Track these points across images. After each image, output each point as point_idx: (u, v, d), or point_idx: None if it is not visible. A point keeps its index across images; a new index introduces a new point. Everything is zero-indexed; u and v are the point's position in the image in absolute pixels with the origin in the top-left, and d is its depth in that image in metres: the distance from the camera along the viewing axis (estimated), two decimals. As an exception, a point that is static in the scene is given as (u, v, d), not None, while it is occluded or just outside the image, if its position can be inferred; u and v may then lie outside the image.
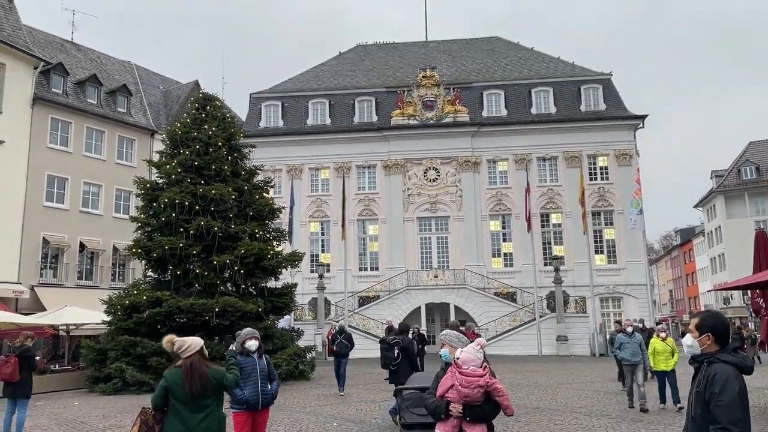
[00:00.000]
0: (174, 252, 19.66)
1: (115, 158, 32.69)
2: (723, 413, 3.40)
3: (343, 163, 40.69)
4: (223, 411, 5.49)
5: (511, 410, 4.71)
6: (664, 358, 12.27)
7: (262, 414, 6.97)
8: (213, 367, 5.44)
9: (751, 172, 60.67)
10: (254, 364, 6.86)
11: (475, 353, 4.69)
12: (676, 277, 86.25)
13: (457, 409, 4.52)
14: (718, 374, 3.48)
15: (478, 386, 4.51)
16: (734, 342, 3.71)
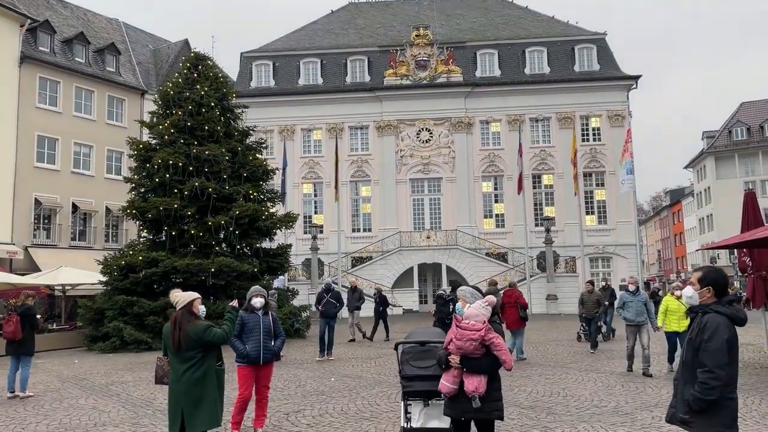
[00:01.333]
0: (168, 213, 19.72)
1: (106, 118, 32.37)
2: (710, 358, 3.63)
3: (335, 124, 40.47)
4: (216, 364, 5.66)
5: (510, 365, 4.88)
6: (677, 318, 11.42)
7: (265, 369, 7.22)
8: (196, 322, 5.65)
9: (742, 133, 60.91)
10: (258, 321, 7.12)
11: (480, 309, 4.87)
12: (665, 238, 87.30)
13: (455, 360, 4.75)
14: (710, 323, 3.71)
15: (470, 339, 4.71)
16: (731, 296, 3.92)
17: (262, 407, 7.23)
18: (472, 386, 4.70)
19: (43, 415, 8.77)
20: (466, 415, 4.79)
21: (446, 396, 4.81)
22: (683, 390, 3.81)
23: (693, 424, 3.72)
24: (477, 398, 4.68)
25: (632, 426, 7.25)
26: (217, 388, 5.63)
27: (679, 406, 3.83)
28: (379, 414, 8.29)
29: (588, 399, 8.99)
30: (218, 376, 5.69)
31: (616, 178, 38.10)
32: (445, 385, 4.79)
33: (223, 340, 5.63)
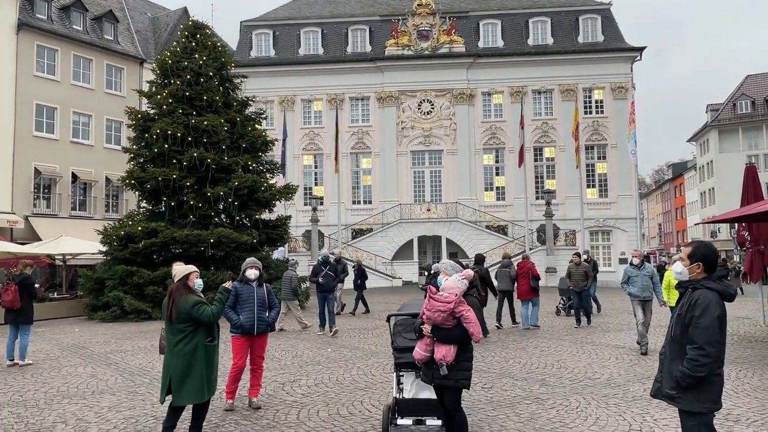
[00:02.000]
0: (167, 183, 19.69)
1: (104, 87, 32.11)
2: (700, 334, 3.61)
3: (336, 94, 40.14)
4: (206, 340, 5.67)
5: (477, 337, 5.00)
6: None
7: (260, 339, 7.28)
8: (188, 297, 5.68)
9: (746, 106, 60.34)
10: (252, 292, 7.18)
11: (456, 282, 5.04)
12: (666, 211, 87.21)
13: (426, 329, 4.98)
14: (701, 299, 3.69)
15: (438, 311, 4.90)
16: (720, 271, 3.89)
17: (256, 377, 7.28)
18: (440, 354, 4.91)
19: (41, 383, 8.86)
20: (435, 381, 5.00)
21: (420, 362, 5.04)
22: (670, 365, 3.81)
23: (680, 399, 3.73)
24: (444, 366, 4.88)
25: (624, 398, 7.31)
26: (205, 363, 5.64)
27: (665, 381, 3.83)
28: (374, 384, 8.36)
29: (581, 371, 9.06)
30: (208, 352, 5.68)
31: (617, 150, 37.93)
32: (418, 352, 5.03)
33: (208, 319, 5.62)
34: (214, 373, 5.78)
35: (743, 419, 6.29)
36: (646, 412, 6.57)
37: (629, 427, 6.06)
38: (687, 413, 3.73)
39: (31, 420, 6.75)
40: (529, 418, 6.46)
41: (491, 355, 10.61)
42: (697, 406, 3.68)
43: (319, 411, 6.92)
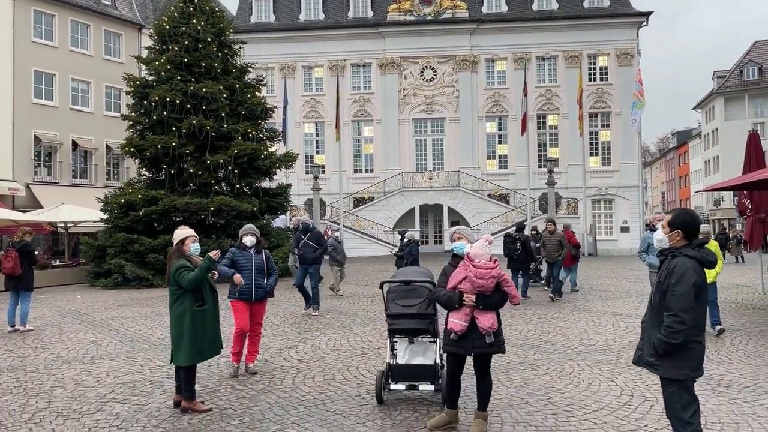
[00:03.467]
0: (167, 151, 19.63)
1: (103, 54, 31.81)
2: (676, 302, 3.61)
3: (337, 61, 39.69)
4: (195, 305, 5.69)
5: (518, 299, 5.03)
6: None
7: (258, 306, 7.31)
8: (177, 261, 5.75)
9: (753, 73, 59.45)
10: (249, 259, 7.19)
11: (484, 248, 4.96)
12: (670, 180, 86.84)
13: (471, 298, 4.81)
14: (678, 267, 3.67)
15: (491, 277, 4.81)
16: (701, 239, 3.87)
17: (254, 343, 7.31)
18: (488, 323, 4.80)
19: (42, 348, 8.96)
20: (477, 350, 4.85)
21: (457, 334, 4.83)
22: (650, 333, 3.82)
23: (659, 366, 3.75)
24: (492, 334, 4.81)
25: (617, 364, 7.36)
26: (192, 327, 5.67)
27: (646, 348, 3.85)
28: (370, 350, 8.44)
29: (577, 338, 9.12)
30: (195, 317, 5.70)
31: (622, 118, 37.59)
32: (458, 323, 4.84)
33: (188, 284, 5.62)
34: (207, 338, 5.79)
35: (735, 385, 6.33)
36: (638, 378, 6.62)
37: (621, 392, 6.11)
38: (667, 380, 3.75)
39: (30, 384, 6.84)
40: (522, 384, 6.52)
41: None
42: (676, 372, 3.70)
43: (314, 376, 6.99)
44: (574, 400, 5.87)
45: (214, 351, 5.98)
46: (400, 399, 5.98)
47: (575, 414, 5.45)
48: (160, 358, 8.12)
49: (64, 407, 5.93)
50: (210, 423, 5.37)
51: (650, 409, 5.54)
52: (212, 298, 5.94)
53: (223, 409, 5.79)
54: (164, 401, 6.07)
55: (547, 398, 5.96)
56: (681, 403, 3.70)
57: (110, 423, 5.42)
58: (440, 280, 5.15)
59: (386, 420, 5.37)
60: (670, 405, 3.76)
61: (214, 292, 5.99)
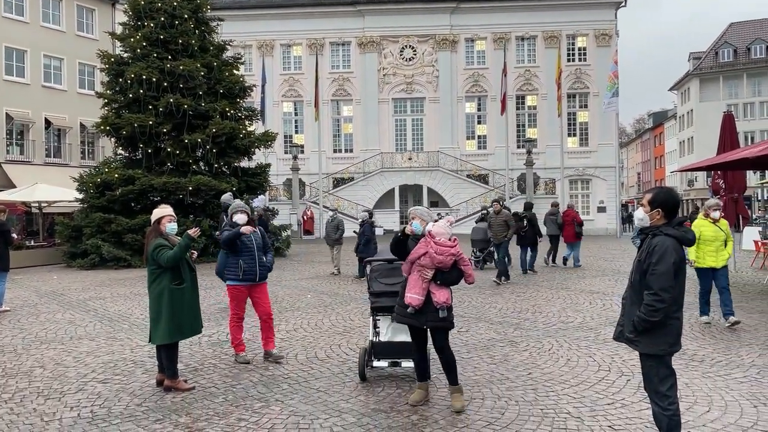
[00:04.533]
0: (144, 130, 19.34)
1: (75, 29, 31.01)
2: (656, 280, 3.69)
3: (316, 39, 39.25)
4: (173, 283, 5.66)
5: (472, 278, 5.20)
6: (713, 249, 8.29)
7: (261, 286, 6.78)
8: (154, 240, 5.72)
9: (728, 55, 60.18)
10: (250, 237, 6.69)
11: (445, 228, 5.14)
12: (645, 160, 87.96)
13: (428, 274, 5.00)
14: (658, 246, 3.74)
15: (450, 254, 4.99)
16: (680, 217, 3.94)
17: (269, 327, 6.81)
18: (443, 298, 5.00)
19: (19, 329, 8.86)
20: (430, 323, 5.04)
21: (414, 308, 4.99)
22: (630, 310, 3.89)
23: (638, 343, 3.83)
24: (444, 309, 5.00)
25: (595, 340, 7.51)
26: (171, 306, 5.65)
27: (626, 325, 3.92)
28: (352, 329, 8.49)
29: (555, 315, 9.27)
30: (174, 295, 5.67)
31: (599, 99, 37.82)
32: (416, 298, 4.99)
33: (166, 262, 5.59)
34: (186, 316, 5.76)
35: (708, 360, 6.51)
36: (615, 353, 6.77)
37: (598, 368, 6.24)
38: (645, 355, 3.84)
39: (9, 365, 6.77)
40: (503, 360, 6.62)
41: (468, 300, 10.79)
42: (655, 348, 3.79)
43: (297, 355, 7.02)
44: (554, 376, 5.99)
45: (194, 330, 5.95)
46: (383, 376, 6.05)
47: (555, 389, 5.57)
48: (141, 337, 8.08)
49: (44, 387, 5.89)
50: (193, 401, 5.38)
51: (627, 383, 5.68)
52: (190, 277, 5.89)
53: (206, 387, 5.80)
54: (146, 380, 6.06)
55: (527, 374, 6.07)
56: (659, 376, 3.80)
57: (92, 402, 5.40)
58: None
59: (369, 396, 5.43)
60: (649, 379, 3.85)
61: (192, 270, 5.95)
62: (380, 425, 4.71)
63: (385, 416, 4.91)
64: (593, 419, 4.78)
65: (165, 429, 4.72)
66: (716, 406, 5.05)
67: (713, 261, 8.29)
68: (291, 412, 5.06)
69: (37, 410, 5.22)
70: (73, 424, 4.86)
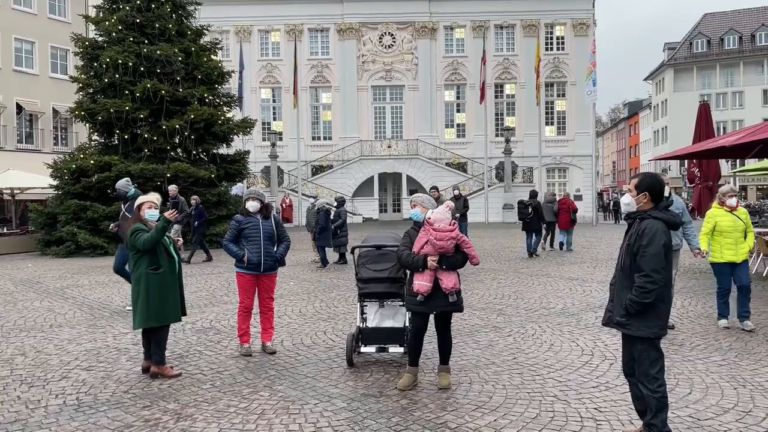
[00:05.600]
0: (120, 115, 19.02)
1: (48, 12, 30.24)
2: (647, 263, 3.76)
3: (294, 25, 38.87)
4: (149, 269, 5.61)
5: (477, 259, 5.28)
6: (732, 242, 7.28)
7: (267, 277, 6.55)
8: (134, 225, 5.72)
9: (702, 45, 60.99)
10: (257, 226, 6.39)
11: (444, 213, 5.17)
12: (620, 149, 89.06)
13: (434, 260, 5.03)
14: (648, 229, 3.81)
15: (450, 238, 5.06)
16: (666, 201, 4.01)
17: (268, 319, 6.64)
18: (451, 283, 5.06)
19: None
20: (440, 309, 5.14)
21: (423, 295, 5.03)
22: (621, 294, 3.94)
23: (629, 326, 3.89)
24: (454, 293, 5.07)
25: (577, 325, 7.62)
26: (147, 290, 5.60)
27: (616, 309, 3.98)
28: (336, 315, 8.50)
29: (537, 301, 9.39)
30: (151, 280, 5.62)
31: (577, 88, 38.16)
32: (425, 285, 5.03)
33: (143, 245, 5.54)
34: (164, 302, 5.68)
35: (687, 344, 6.65)
36: (597, 338, 6.89)
37: (582, 352, 6.35)
38: (637, 338, 3.90)
39: (-11, 353, 6.65)
40: (488, 345, 6.70)
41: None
42: (646, 331, 3.85)
43: (282, 341, 7.01)
44: (538, 360, 6.07)
45: (174, 316, 5.82)
46: (370, 361, 6.08)
47: (540, 373, 5.65)
48: (123, 325, 8.00)
49: (27, 375, 5.80)
50: (181, 388, 5.35)
51: (610, 367, 5.78)
52: (170, 263, 5.79)
53: (192, 374, 5.77)
54: (131, 367, 6.01)
55: (512, 358, 6.15)
56: (650, 359, 3.88)
57: (77, 389, 5.34)
58: (404, 241, 5.35)
59: (358, 382, 5.46)
60: (640, 362, 3.92)
61: (172, 257, 5.82)
62: (370, 409, 4.74)
63: (375, 401, 4.94)
64: (579, 402, 4.87)
65: (153, 416, 4.69)
66: (697, 388, 5.18)
67: (732, 255, 7.28)
68: (280, 397, 5.07)
69: (21, 398, 5.15)
70: (59, 411, 4.81)
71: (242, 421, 4.55)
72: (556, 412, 4.66)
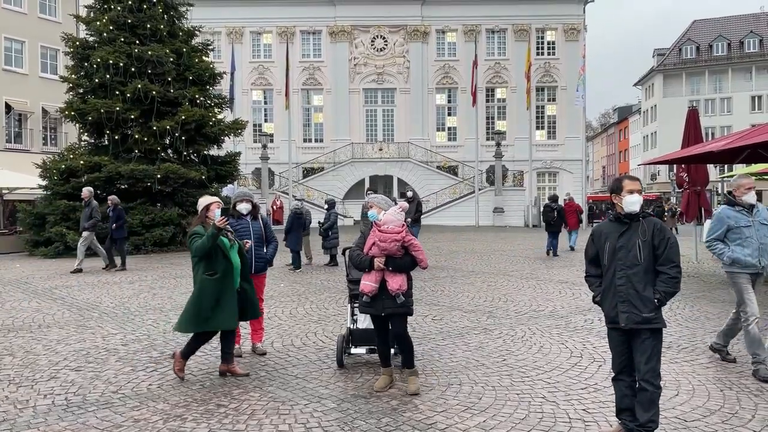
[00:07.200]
0: (110, 116, 18.94)
1: (38, 12, 30.09)
2: (676, 253, 3.97)
3: (286, 27, 38.87)
4: (206, 273, 5.46)
5: (425, 264, 5.27)
6: None
7: (258, 279, 6.53)
8: (194, 228, 5.57)
9: (691, 52, 61.52)
10: (247, 228, 6.44)
11: (396, 215, 5.18)
12: (610, 154, 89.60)
13: (380, 261, 5.07)
14: (661, 224, 4.05)
15: (393, 241, 5.06)
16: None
17: (258, 320, 6.54)
18: (396, 284, 5.06)
19: (-16, 318, 8.63)
20: (387, 310, 5.12)
21: (368, 296, 5.08)
22: (643, 292, 3.92)
23: (657, 320, 3.96)
24: (401, 295, 5.07)
25: (566, 328, 7.67)
26: (198, 296, 5.49)
27: (641, 307, 3.92)
28: (327, 317, 8.50)
29: (527, 304, 9.43)
30: (204, 285, 5.47)
31: (567, 93, 38.41)
32: (369, 285, 5.08)
33: (194, 252, 5.43)
34: (217, 308, 5.48)
35: (674, 346, 6.71)
36: (586, 341, 6.94)
37: (570, 354, 6.39)
38: (653, 333, 3.96)
39: (-24, 353, 6.60)
40: (477, 347, 6.73)
41: (441, 290, 10.90)
42: (664, 322, 4.04)
43: (273, 342, 7.01)
44: (528, 362, 6.11)
45: (227, 323, 5.59)
46: (360, 362, 6.09)
47: (529, 374, 5.68)
48: (112, 326, 7.96)
49: (15, 375, 5.77)
50: (170, 388, 5.34)
51: (598, 369, 5.83)
52: (227, 267, 5.55)
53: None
54: (120, 368, 5.98)
55: (502, 360, 6.18)
56: (659, 353, 3.99)
57: (66, 390, 5.31)
58: (358, 241, 5.38)
59: (348, 383, 5.47)
60: (651, 357, 3.94)
61: (230, 262, 5.59)
62: (360, 410, 4.75)
63: (365, 401, 4.95)
64: (568, 403, 4.90)
65: (143, 416, 4.68)
66: (684, 390, 5.23)
67: None
68: (270, 398, 5.07)
69: (9, 398, 5.11)
70: (48, 411, 4.78)
71: (232, 421, 4.55)
72: (545, 413, 4.69)
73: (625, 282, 4.00)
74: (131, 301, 9.79)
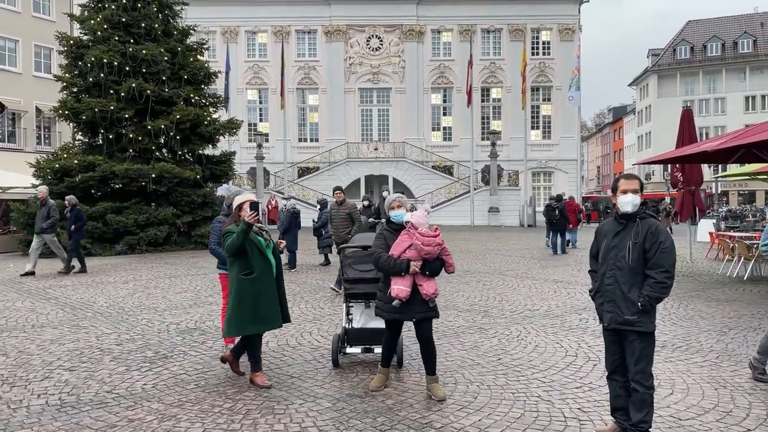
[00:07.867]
0: (105, 115, 18.87)
1: (32, 10, 29.96)
2: (667, 258, 3.85)
3: (281, 26, 38.81)
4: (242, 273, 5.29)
5: (453, 268, 5.19)
6: None
7: None
8: (228, 227, 5.36)
9: (686, 52, 61.73)
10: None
11: (425, 217, 5.06)
12: (605, 154, 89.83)
13: (417, 265, 4.93)
14: (658, 227, 3.93)
15: (437, 244, 4.95)
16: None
17: None
18: (432, 289, 4.99)
19: (-22, 318, 8.59)
20: (418, 315, 5.01)
21: (401, 300, 4.90)
22: (629, 293, 3.91)
23: (641, 323, 3.90)
24: (434, 299, 5.00)
25: (561, 327, 7.68)
26: (237, 298, 5.31)
27: (624, 309, 3.93)
28: (322, 316, 8.49)
29: (522, 303, 9.44)
30: (239, 285, 5.30)
31: (562, 93, 38.49)
32: (404, 290, 4.90)
33: (226, 250, 5.28)
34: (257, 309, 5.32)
35: (669, 345, 6.74)
36: (581, 340, 6.95)
37: (566, 353, 6.40)
38: (641, 335, 3.92)
39: (-31, 353, 6.57)
40: (473, 346, 6.73)
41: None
42: (651, 326, 3.94)
43: (268, 342, 6.99)
44: (523, 361, 6.11)
45: (272, 323, 5.47)
46: (356, 362, 6.08)
47: (524, 374, 5.69)
48: (106, 325, 7.93)
49: (8, 375, 5.74)
50: (165, 388, 5.32)
51: (593, 368, 5.84)
52: (264, 266, 5.39)
53: (177, 374, 5.74)
54: (115, 367, 5.96)
55: (497, 359, 6.19)
56: (650, 355, 3.93)
57: (60, 390, 5.29)
58: (378, 243, 5.13)
59: (343, 382, 5.46)
60: (640, 359, 3.92)
61: (268, 260, 5.43)
62: (356, 409, 4.74)
63: (360, 401, 4.94)
64: (563, 402, 4.91)
65: (137, 416, 4.66)
66: (678, 388, 5.24)
67: None
68: (265, 398, 5.05)
69: (2, 398, 5.09)
70: (41, 411, 4.76)
71: (227, 421, 4.54)
72: (540, 412, 4.70)
73: (613, 282, 4.00)
74: (125, 301, 9.76)
